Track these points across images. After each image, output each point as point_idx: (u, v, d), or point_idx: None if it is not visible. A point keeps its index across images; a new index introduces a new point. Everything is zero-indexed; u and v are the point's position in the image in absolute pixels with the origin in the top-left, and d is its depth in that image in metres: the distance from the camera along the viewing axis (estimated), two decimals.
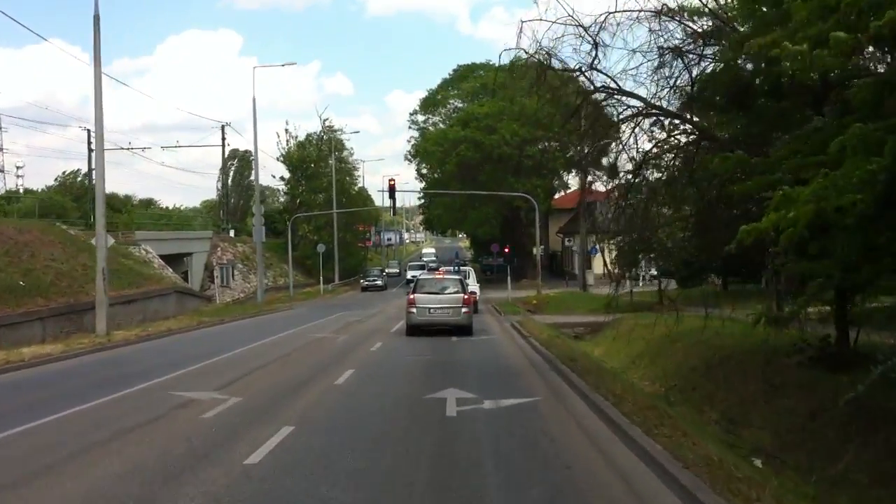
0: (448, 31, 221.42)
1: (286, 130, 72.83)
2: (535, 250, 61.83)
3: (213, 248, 58.26)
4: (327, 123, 73.69)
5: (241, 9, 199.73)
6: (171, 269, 44.64)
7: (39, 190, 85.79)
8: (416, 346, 19.88)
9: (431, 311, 22.84)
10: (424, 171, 73.31)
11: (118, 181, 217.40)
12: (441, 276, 24.36)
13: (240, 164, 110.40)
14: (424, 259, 64.79)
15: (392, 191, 48.21)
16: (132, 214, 60.31)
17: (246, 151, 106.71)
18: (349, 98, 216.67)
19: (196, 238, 55.54)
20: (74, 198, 79.29)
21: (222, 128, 62.44)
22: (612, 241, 33.29)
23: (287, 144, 72.42)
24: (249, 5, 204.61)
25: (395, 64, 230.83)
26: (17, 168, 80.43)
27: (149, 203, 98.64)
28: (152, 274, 37.55)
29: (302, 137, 73.35)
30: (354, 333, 24.06)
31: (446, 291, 23.21)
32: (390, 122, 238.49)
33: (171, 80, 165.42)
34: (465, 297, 23.04)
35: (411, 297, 23.12)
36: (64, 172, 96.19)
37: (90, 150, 62.21)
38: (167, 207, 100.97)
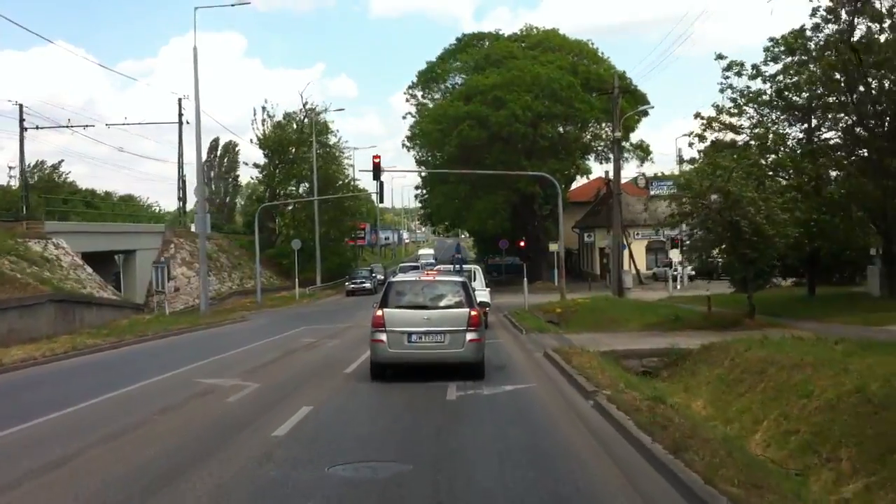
0: (451, 31, 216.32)
1: (263, 108, 62.74)
2: (553, 246, 51.98)
3: (165, 245, 48.32)
4: (309, 105, 63.62)
5: (245, 10, 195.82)
6: (89, 270, 34.74)
7: None
8: (372, 423, 9.83)
9: (413, 339, 12.86)
10: (423, 156, 63.19)
11: (116, 181, 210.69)
12: (431, 279, 14.23)
13: (223, 157, 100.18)
14: (421, 261, 54.00)
15: (377, 170, 38.20)
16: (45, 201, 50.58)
17: (229, 142, 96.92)
18: (353, 99, 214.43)
19: (139, 232, 45.55)
20: (45, 189, 71.33)
21: (178, 101, 52.53)
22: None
23: (263, 125, 62.54)
24: (254, 7, 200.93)
25: (399, 65, 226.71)
26: (10, 168, 74.54)
27: (127, 199, 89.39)
28: (46, 277, 27.60)
29: (282, 118, 63.34)
30: (279, 378, 13.95)
31: (441, 304, 13.23)
32: (394, 124, 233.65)
33: (175, 82, 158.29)
34: (473, 313, 13.02)
35: (379, 313, 13.10)
36: (29, 165, 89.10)
37: (22, 128, 52.41)
38: (151, 204, 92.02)
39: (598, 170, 67.62)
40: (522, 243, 42.41)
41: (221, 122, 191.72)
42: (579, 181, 68.71)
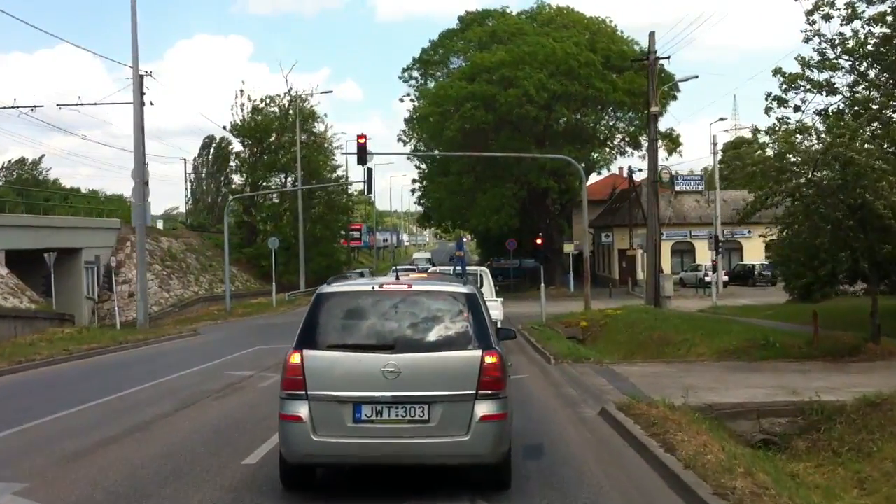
0: None
1: (242, 92, 56.06)
2: (568, 247, 45.46)
3: (121, 243, 41.61)
4: (294, 92, 56.89)
5: (253, 14, 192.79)
6: (2, 272, 28.07)
7: None
8: None
9: (364, 414, 6.17)
10: (421, 147, 56.41)
11: (120, 183, 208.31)
12: (405, 288, 6.69)
13: (215, 154, 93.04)
14: (417, 265, 45.18)
15: (362, 153, 31.55)
16: None
17: (222, 138, 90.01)
18: (358, 103, 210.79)
19: (86, 227, 38.79)
20: (30, 186, 65.56)
21: (141, 78, 45.67)
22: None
23: (242, 111, 55.94)
24: (261, 11, 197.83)
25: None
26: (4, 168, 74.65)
27: (115, 198, 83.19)
28: None
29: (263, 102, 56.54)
30: (97, 486, 7.06)
31: (424, 339, 6.42)
32: (399, 126, 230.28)
33: (181, 85, 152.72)
34: (490, 359, 6.27)
35: (294, 360, 6.36)
36: (10, 160, 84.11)
37: None
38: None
39: (613, 166, 61.20)
40: (539, 241, 35.28)
41: (215, 121, 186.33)
42: (591, 179, 62.07)
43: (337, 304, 6.59)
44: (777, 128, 20.93)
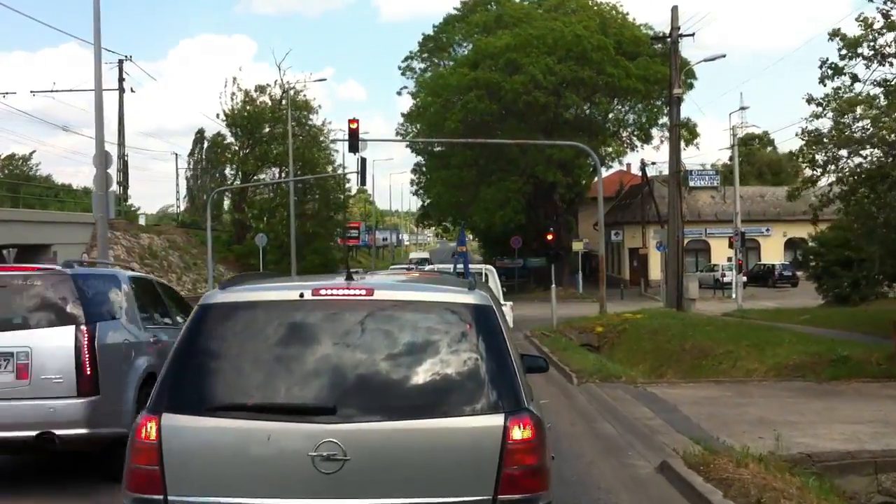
0: None
1: (234, 79, 52.99)
2: (577, 245, 42.52)
3: (95, 240, 38.63)
4: (287, 83, 53.81)
5: (256, 13, 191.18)
6: None
7: None
8: None
9: None
10: (420, 140, 53.39)
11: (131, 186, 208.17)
12: (360, 295, 3.56)
13: (210, 149, 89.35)
14: (413, 266, 40.72)
15: (354, 139, 28.60)
16: None
17: (217, 133, 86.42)
18: (361, 103, 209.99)
19: (54, 221, 35.89)
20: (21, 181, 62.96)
21: (119, 63, 42.87)
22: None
23: (232, 100, 52.91)
24: (264, 11, 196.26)
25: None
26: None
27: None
28: None
29: (262, 98, 53.51)
30: None
31: (398, 393, 3.43)
32: (400, 123, 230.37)
33: (184, 85, 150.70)
34: (522, 431, 3.34)
35: (146, 434, 3.38)
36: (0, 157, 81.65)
37: None
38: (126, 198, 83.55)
39: (620, 162, 58.17)
40: (550, 236, 32.01)
41: (208, 113, 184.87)
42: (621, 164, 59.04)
43: (231, 326, 3.55)
44: (829, 98, 17.78)
